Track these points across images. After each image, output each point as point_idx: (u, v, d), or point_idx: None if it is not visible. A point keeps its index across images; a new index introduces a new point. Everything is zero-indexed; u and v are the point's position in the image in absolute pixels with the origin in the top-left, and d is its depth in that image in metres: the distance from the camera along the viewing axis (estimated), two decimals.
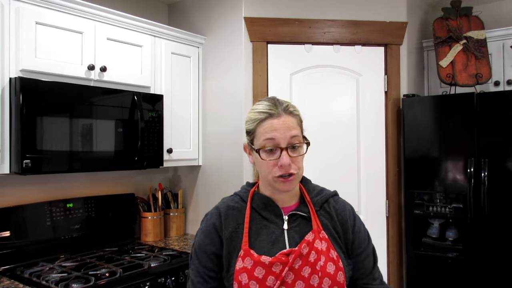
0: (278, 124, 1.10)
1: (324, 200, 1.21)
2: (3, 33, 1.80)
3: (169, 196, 2.80)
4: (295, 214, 1.17)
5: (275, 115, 1.10)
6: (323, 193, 1.24)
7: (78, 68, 2.06)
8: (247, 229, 1.14)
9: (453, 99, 2.50)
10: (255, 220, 1.16)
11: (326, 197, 1.23)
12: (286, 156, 1.08)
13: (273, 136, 1.09)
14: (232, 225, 1.15)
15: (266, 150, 1.10)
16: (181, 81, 2.62)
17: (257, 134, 1.12)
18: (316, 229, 1.13)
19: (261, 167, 1.13)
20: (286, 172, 1.08)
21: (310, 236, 1.11)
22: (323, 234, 1.13)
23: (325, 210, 1.20)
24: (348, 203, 1.26)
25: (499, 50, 2.68)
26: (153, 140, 2.36)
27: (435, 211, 2.51)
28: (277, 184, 1.11)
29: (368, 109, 2.65)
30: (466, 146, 2.42)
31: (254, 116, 1.13)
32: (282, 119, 1.10)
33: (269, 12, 2.58)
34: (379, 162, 2.65)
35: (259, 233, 1.14)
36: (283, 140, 1.09)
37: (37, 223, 2.14)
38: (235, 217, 1.17)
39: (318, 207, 1.19)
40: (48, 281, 1.80)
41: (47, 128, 1.88)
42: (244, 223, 1.15)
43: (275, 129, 1.09)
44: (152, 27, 2.42)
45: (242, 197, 1.21)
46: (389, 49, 2.67)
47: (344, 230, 1.19)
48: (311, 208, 1.18)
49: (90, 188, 2.48)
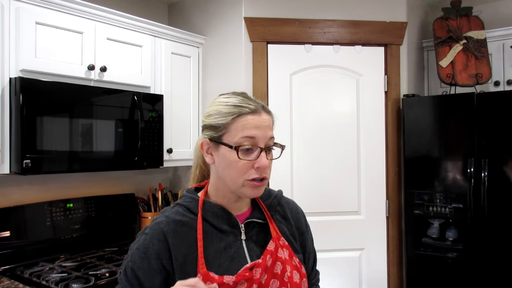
0: (259, 121, 0.98)
1: (277, 202, 1.12)
2: (3, 33, 1.80)
3: (169, 196, 2.80)
4: (251, 222, 1.05)
5: (255, 111, 0.98)
6: (272, 194, 1.13)
7: (78, 68, 2.06)
8: (202, 247, 0.97)
9: (453, 99, 2.50)
10: (209, 234, 1.00)
11: (278, 199, 1.13)
12: (265, 157, 0.97)
13: (254, 135, 0.96)
14: (184, 246, 0.97)
15: (244, 148, 0.96)
16: (181, 81, 2.62)
17: (232, 130, 0.97)
18: (275, 236, 1.04)
19: (230, 169, 0.98)
20: (261, 175, 0.97)
21: (271, 245, 1.02)
22: (283, 241, 1.05)
23: (280, 214, 1.11)
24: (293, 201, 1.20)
25: (499, 50, 2.68)
26: (153, 140, 2.36)
27: (435, 211, 2.51)
28: (246, 188, 0.98)
29: (368, 109, 2.65)
30: (466, 146, 2.42)
31: (227, 110, 0.99)
32: (263, 116, 0.99)
33: (269, 12, 2.58)
34: (379, 162, 2.65)
35: (216, 249, 0.99)
36: (263, 140, 0.97)
37: (37, 223, 2.14)
38: (186, 235, 0.98)
39: (273, 211, 1.10)
40: (48, 281, 1.80)
41: (47, 128, 1.88)
42: (197, 240, 0.98)
43: (256, 127, 0.97)
44: (152, 27, 2.42)
45: (190, 207, 1.03)
46: (389, 49, 2.67)
47: (300, 233, 1.13)
48: (266, 213, 1.08)
49: (90, 188, 2.48)
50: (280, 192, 1.17)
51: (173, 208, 1.06)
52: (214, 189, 1.05)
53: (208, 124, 1.04)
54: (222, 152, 0.99)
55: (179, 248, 0.96)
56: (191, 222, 1.01)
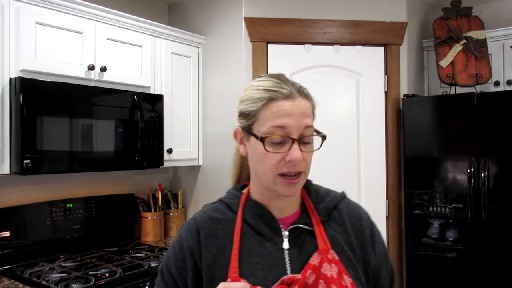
0: (292, 108, 0.85)
1: (333, 207, 0.95)
2: (3, 33, 1.80)
3: (169, 196, 2.80)
4: (297, 228, 0.90)
5: (288, 96, 0.86)
6: (330, 196, 0.97)
7: (78, 68, 2.06)
8: (237, 250, 0.87)
9: (453, 99, 2.50)
10: (246, 236, 0.89)
11: (335, 202, 0.96)
12: (298, 150, 0.83)
13: (285, 124, 0.83)
14: (215, 245, 0.89)
15: (272, 140, 0.85)
16: (181, 81, 2.62)
17: (261, 118, 0.86)
18: (323, 248, 0.87)
19: (261, 162, 0.87)
20: (294, 170, 0.84)
21: (315, 258, 0.86)
22: (332, 254, 0.87)
23: (335, 220, 0.94)
24: (362, 207, 1.00)
25: (499, 50, 2.68)
26: (153, 140, 2.36)
27: (435, 211, 2.51)
28: (279, 186, 0.86)
29: (368, 109, 2.65)
30: (466, 146, 2.42)
31: (258, 95, 0.87)
32: (297, 102, 0.86)
33: (269, 12, 2.58)
34: (379, 162, 2.65)
35: (252, 254, 0.87)
36: (296, 130, 0.84)
37: (37, 223, 2.14)
38: (220, 234, 0.90)
39: (325, 216, 0.93)
40: (48, 281, 1.80)
41: (47, 128, 1.88)
42: (233, 241, 0.88)
43: (287, 114, 0.84)
44: (152, 27, 2.42)
45: (230, 205, 0.95)
46: (389, 49, 2.67)
47: (361, 245, 0.92)
48: (315, 218, 0.92)
49: (90, 188, 2.48)
50: (341, 194, 1.00)
51: (213, 204, 0.98)
52: (253, 185, 0.94)
53: (240, 111, 0.92)
54: (253, 143, 0.88)
55: (210, 247, 0.89)
56: (228, 221, 0.91)
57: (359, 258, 0.91)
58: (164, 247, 2.45)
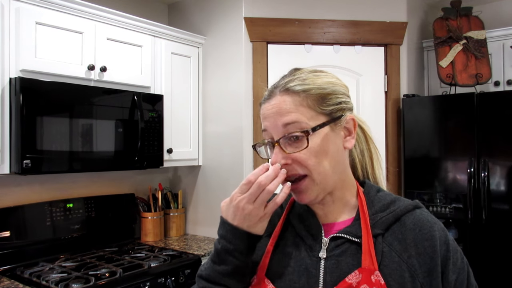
0: (267, 109, 0.79)
1: (394, 219, 0.79)
2: (3, 33, 1.80)
3: (169, 196, 2.80)
4: (340, 238, 0.78)
5: (267, 98, 0.81)
6: (394, 206, 0.80)
7: (78, 68, 2.06)
8: (272, 246, 0.82)
9: (453, 99, 2.50)
10: (285, 235, 0.83)
11: (398, 214, 0.79)
12: (277, 153, 0.77)
13: (264, 127, 0.80)
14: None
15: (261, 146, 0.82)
16: (181, 81, 2.62)
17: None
18: (367, 266, 0.73)
19: None
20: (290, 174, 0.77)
21: (354, 277, 0.73)
22: (377, 276, 0.72)
23: (395, 235, 0.77)
24: (438, 223, 0.80)
25: (499, 50, 2.68)
26: (153, 140, 2.36)
27: (435, 211, 2.51)
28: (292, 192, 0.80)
29: (368, 109, 2.65)
30: (466, 146, 2.42)
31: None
32: (273, 101, 0.78)
33: (269, 12, 2.58)
34: None
35: (286, 255, 0.81)
36: (275, 131, 0.78)
37: (37, 223, 2.13)
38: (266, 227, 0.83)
39: (382, 228, 0.78)
40: (48, 281, 1.80)
41: (47, 128, 1.88)
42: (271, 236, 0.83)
43: (265, 117, 0.80)
44: (152, 27, 2.42)
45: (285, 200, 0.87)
46: (389, 49, 2.67)
47: (428, 270, 0.75)
48: (366, 229, 0.77)
49: (90, 188, 2.48)
50: (410, 204, 0.81)
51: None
52: None
53: None
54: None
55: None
56: (275, 216, 0.85)
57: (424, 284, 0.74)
58: (164, 247, 2.45)
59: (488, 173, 2.34)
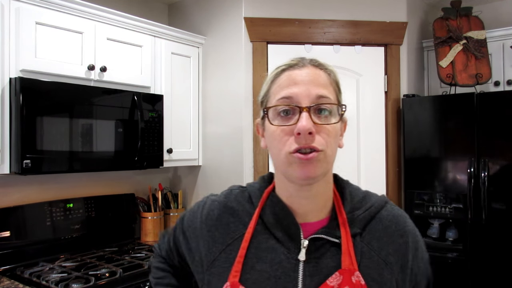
0: (299, 75, 0.74)
1: (370, 217, 0.79)
2: (3, 33, 1.80)
3: (169, 196, 2.80)
4: (319, 239, 0.75)
5: (295, 66, 0.77)
6: (368, 202, 0.81)
7: (78, 68, 2.06)
8: (245, 250, 0.75)
9: (453, 99, 2.50)
10: (259, 237, 0.77)
11: (374, 211, 0.80)
12: (307, 119, 0.70)
13: (290, 94, 0.73)
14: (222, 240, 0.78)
15: (280, 111, 0.73)
16: (181, 81, 2.62)
17: (270, 95, 0.77)
18: (347, 267, 0.72)
19: (272, 143, 0.75)
20: (306, 144, 0.70)
21: (335, 279, 0.71)
22: (357, 277, 0.71)
23: (372, 233, 0.77)
24: (407, 216, 0.83)
25: (499, 50, 2.68)
26: (153, 140, 2.36)
27: (435, 211, 2.51)
28: (293, 166, 0.71)
29: (368, 109, 2.65)
30: (466, 146, 2.42)
31: (270, 76, 0.80)
32: (307, 70, 0.76)
33: (269, 12, 2.58)
34: (379, 162, 2.65)
35: (261, 259, 0.75)
36: (305, 98, 0.72)
37: (37, 223, 2.13)
38: (231, 228, 0.79)
39: (360, 227, 0.77)
40: (48, 281, 1.80)
41: (47, 128, 1.88)
42: (242, 239, 0.77)
43: (294, 83, 0.73)
44: (152, 27, 2.42)
45: (252, 196, 0.82)
46: (389, 49, 2.67)
47: (402, 265, 0.76)
48: (345, 229, 0.76)
49: (90, 188, 2.48)
50: (382, 200, 0.83)
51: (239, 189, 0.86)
52: (276, 179, 0.82)
53: (259, 100, 0.82)
54: (266, 127, 0.77)
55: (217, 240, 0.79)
56: (243, 214, 0.80)
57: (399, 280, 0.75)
58: None
59: (488, 173, 2.33)
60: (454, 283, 2.43)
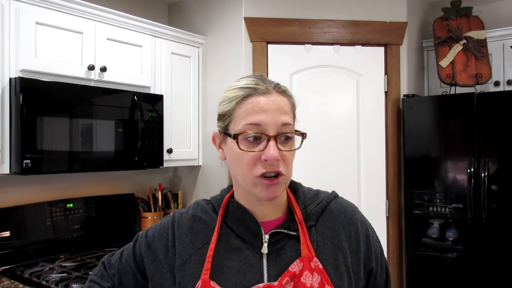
0: (266, 103, 0.80)
1: (321, 209, 0.90)
2: (3, 33, 1.80)
3: (169, 196, 2.80)
4: (279, 233, 0.85)
5: (262, 92, 0.81)
6: (318, 198, 0.92)
7: (78, 68, 2.06)
8: (212, 251, 0.84)
9: (453, 99, 2.50)
10: (225, 238, 0.86)
11: (324, 204, 0.91)
12: (274, 147, 0.78)
13: (259, 121, 0.78)
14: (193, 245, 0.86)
15: (248, 138, 0.79)
16: (181, 81, 2.62)
17: (236, 117, 0.81)
18: (306, 255, 0.82)
19: (237, 164, 0.82)
20: (272, 169, 0.78)
21: (296, 266, 0.80)
22: (316, 262, 0.82)
23: (324, 224, 0.88)
24: (355, 207, 0.95)
25: (499, 50, 2.68)
26: (153, 140, 2.36)
27: (435, 211, 2.51)
28: (258, 188, 0.80)
29: (368, 109, 2.65)
30: (466, 146, 2.42)
31: (233, 94, 0.83)
32: (272, 98, 0.81)
33: (269, 12, 2.58)
34: (379, 162, 2.65)
35: (228, 257, 0.83)
36: (272, 127, 0.79)
37: (37, 223, 2.13)
38: (200, 235, 0.87)
39: (313, 220, 0.88)
40: (48, 281, 1.80)
41: (47, 128, 1.88)
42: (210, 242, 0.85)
43: (262, 110, 0.79)
44: (152, 27, 2.42)
45: (215, 206, 0.91)
46: (389, 49, 2.67)
47: (356, 249, 0.88)
48: (300, 223, 0.86)
49: (90, 188, 2.48)
50: (331, 195, 0.94)
51: (201, 202, 0.95)
52: (236, 189, 0.90)
53: (217, 113, 0.87)
54: (229, 144, 0.83)
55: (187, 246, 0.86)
56: (211, 222, 0.88)
57: (353, 263, 0.86)
58: None
59: (488, 173, 2.34)
60: (454, 283, 2.44)
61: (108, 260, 1.02)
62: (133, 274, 0.95)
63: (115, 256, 1.00)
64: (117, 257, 1.00)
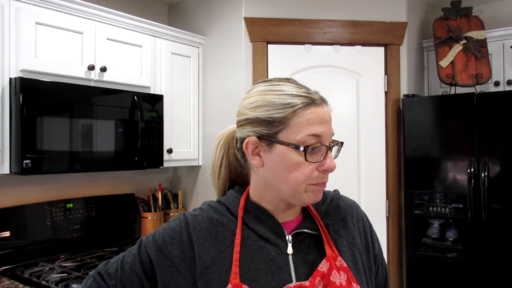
0: (324, 115, 0.82)
1: (333, 209, 0.92)
2: (3, 33, 1.80)
3: (169, 196, 2.80)
4: (301, 233, 0.86)
5: (319, 102, 0.82)
6: (328, 197, 0.94)
7: (78, 68, 2.06)
8: (238, 254, 0.82)
9: (453, 99, 2.50)
10: (248, 240, 0.84)
11: (335, 204, 0.93)
12: (332, 158, 0.83)
13: (320, 132, 0.80)
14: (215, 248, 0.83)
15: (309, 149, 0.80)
16: (181, 81, 2.62)
17: (293, 126, 0.79)
18: (331, 254, 0.84)
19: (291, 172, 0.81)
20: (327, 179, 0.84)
21: (324, 265, 0.82)
22: (340, 261, 0.84)
23: (337, 222, 0.91)
24: (356, 203, 0.99)
25: (499, 50, 2.68)
26: (153, 140, 2.36)
27: (435, 211, 2.51)
28: (309, 194, 0.82)
29: (368, 109, 2.65)
30: (466, 146, 2.42)
31: (282, 100, 0.81)
32: (326, 109, 0.84)
33: (269, 12, 2.58)
34: (379, 162, 2.65)
35: (254, 259, 0.82)
36: (328, 137, 0.82)
37: (37, 223, 2.13)
38: (220, 237, 0.85)
39: (329, 219, 0.90)
40: (48, 281, 1.80)
41: (47, 128, 1.88)
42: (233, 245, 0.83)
43: (322, 121, 0.81)
44: (152, 27, 2.42)
45: (229, 207, 0.89)
46: (389, 49, 2.67)
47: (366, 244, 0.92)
48: (318, 222, 0.88)
49: (90, 188, 2.48)
50: (336, 192, 0.97)
51: (214, 204, 0.91)
52: (258, 195, 0.88)
53: (255, 118, 0.83)
54: (279, 152, 0.80)
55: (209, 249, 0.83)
56: (229, 224, 0.86)
57: (365, 258, 0.89)
58: None
59: (488, 173, 2.34)
60: (454, 283, 2.44)
61: (105, 269, 0.92)
62: (140, 282, 0.88)
63: (113, 265, 0.91)
64: (117, 265, 0.91)
